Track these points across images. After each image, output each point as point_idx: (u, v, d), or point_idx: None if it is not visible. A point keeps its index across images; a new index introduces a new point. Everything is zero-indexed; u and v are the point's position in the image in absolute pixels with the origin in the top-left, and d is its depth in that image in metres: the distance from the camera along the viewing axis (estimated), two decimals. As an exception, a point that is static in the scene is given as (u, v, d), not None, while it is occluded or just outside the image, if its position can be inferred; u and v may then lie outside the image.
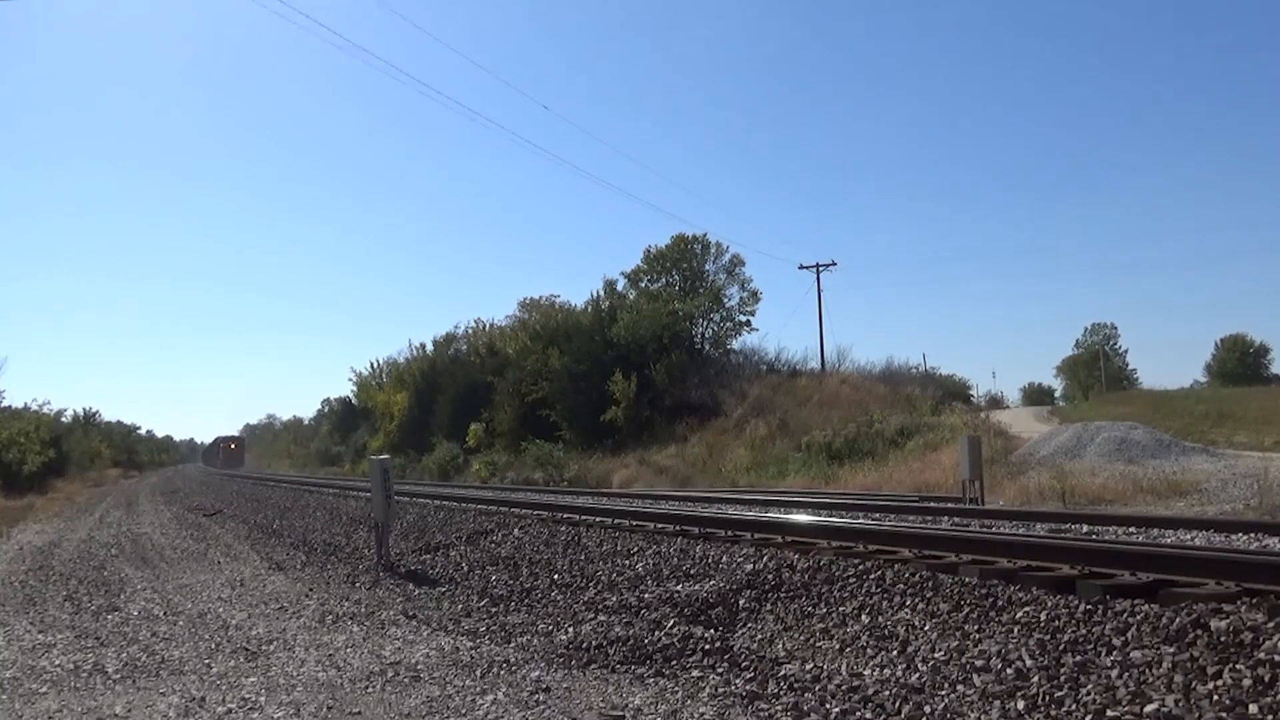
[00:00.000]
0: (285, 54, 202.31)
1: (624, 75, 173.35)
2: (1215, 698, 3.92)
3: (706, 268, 45.15)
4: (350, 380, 75.35)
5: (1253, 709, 3.79)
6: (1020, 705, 4.29)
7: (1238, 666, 4.09)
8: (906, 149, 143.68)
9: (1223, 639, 4.31)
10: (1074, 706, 4.16)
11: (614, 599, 7.76)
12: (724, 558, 8.09)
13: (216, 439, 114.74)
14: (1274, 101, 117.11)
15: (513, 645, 6.76)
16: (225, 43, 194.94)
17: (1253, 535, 8.89)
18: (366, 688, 5.77)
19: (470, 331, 60.35)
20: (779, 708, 4.79)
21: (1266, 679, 3.94)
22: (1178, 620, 4.58)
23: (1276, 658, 4.05)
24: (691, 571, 8.05)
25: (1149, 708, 3.96)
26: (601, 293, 45.39)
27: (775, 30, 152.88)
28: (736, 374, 39.24)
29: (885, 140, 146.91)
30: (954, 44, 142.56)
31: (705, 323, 44.09)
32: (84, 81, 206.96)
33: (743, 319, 44.45)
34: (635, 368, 38.59)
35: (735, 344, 44.12)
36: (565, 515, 12.97)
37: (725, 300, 44.33)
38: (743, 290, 44.55)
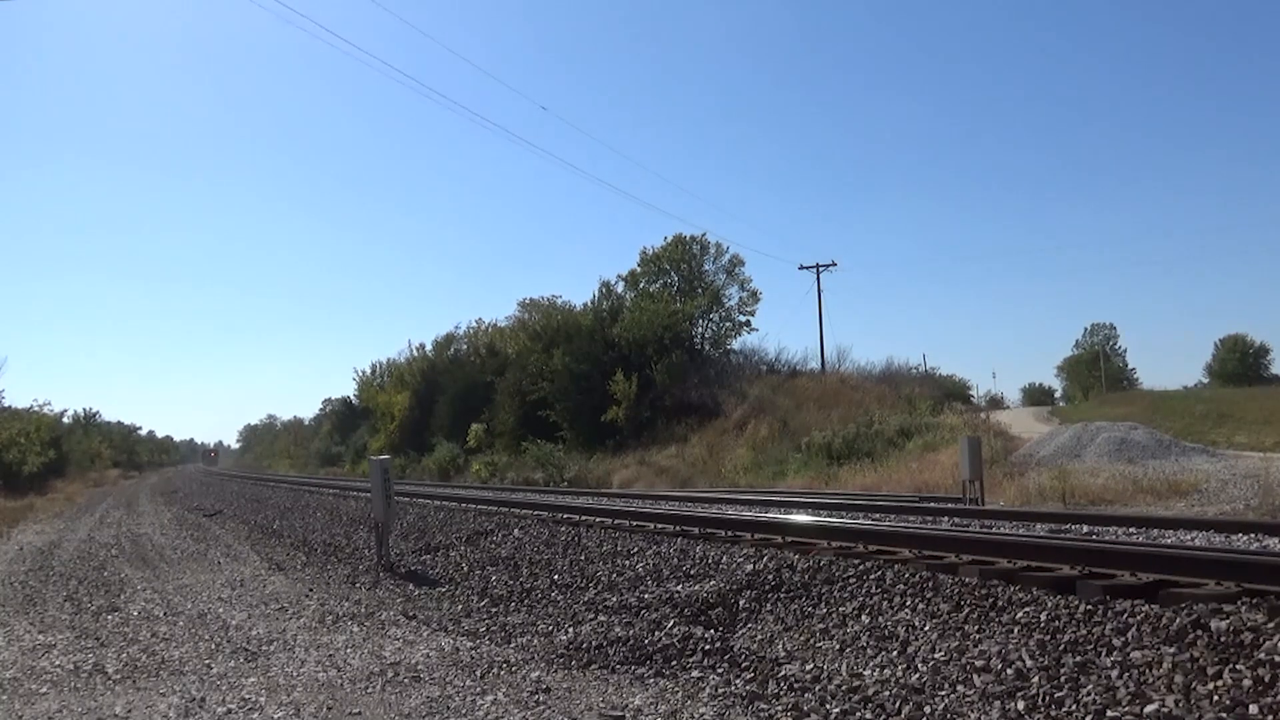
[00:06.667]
0: (283, 55, 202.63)
1: (623, 76, 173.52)
2: (1215, 698, 3.92)
3: (706, 268, 45.05)
4: (353, 379, 75.42)
5: (1253, 709, 3.79)
6: (1020, 705, 4.28)
7: (1238, 667, 4.09)
8: (907, 149, 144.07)
9: (1223, 639, 4.31)
10: (1074, 707, 4.15)
11: (614, 599, 7.74)
12: (724, 558, 8.06)
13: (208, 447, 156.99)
14: (1273, 103, 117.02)
15: (513, 645, 6.75)
16: (222, 44, 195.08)
17: (1253, 536, 8.88)
18: (366, 688, 5.77)
19: (470, 332, 60.28)
20: (779, 708, 4.78)
21: (1267, 679, 3.94)
22: (1178, 621, 4.56)
23: (1276, 658, 4.04)
24: (691, 572, 8.03)
25: (1149, 708, 3.96)
26: (599, 295, 45.24)
27: (775, 30, 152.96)
28: (736, 374, 39.13)
29: (886, 140, 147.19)
30: (955, 45, 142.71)
31: (705, 323, 43.99)
32: (83, 83, 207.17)
33: (742, 319, 44.37)
34: (636, 368, 38.45)
35: (735, 344, 44.11)
36: (565, 515, 12.95)
37: (725, 300, 44.22)
38: (742, 290, 44.48)
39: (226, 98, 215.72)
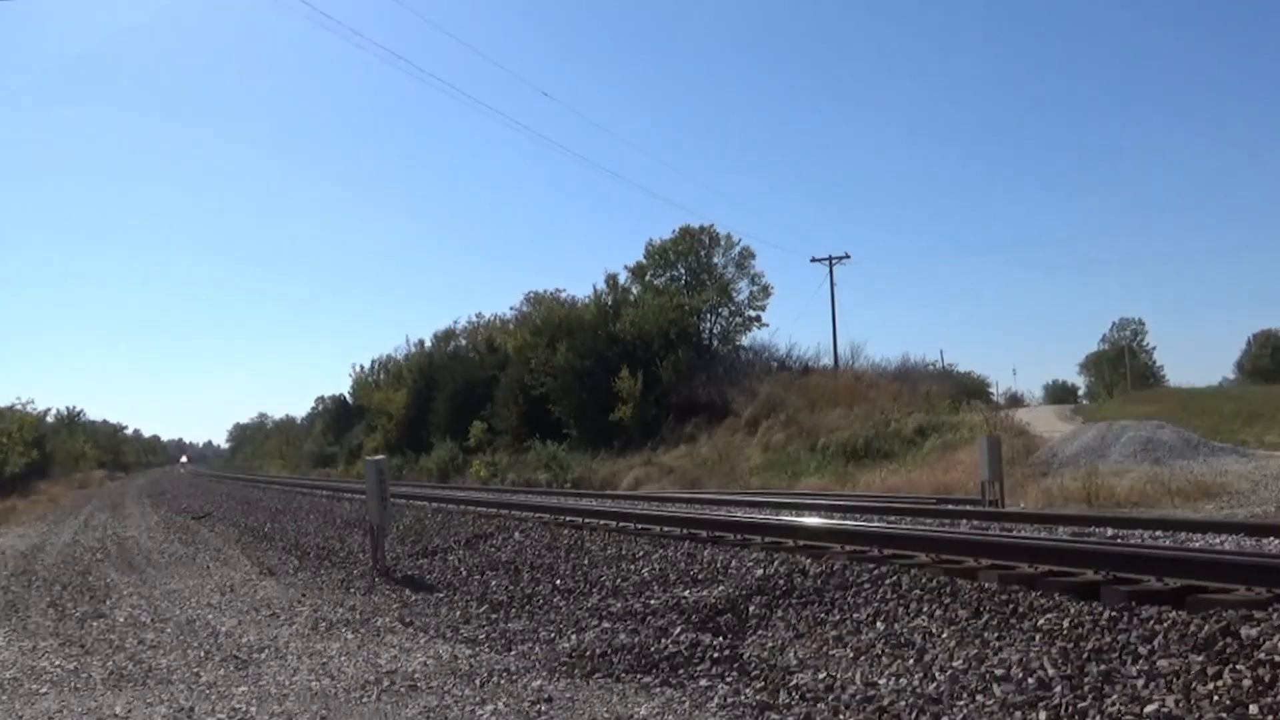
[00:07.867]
0: (281, 47, 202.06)
1: (632, 66, 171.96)
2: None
3: (715, 261, 43.48)
4: (350, 375, 74.78)
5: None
6: (1042, 716, 4.16)
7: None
8: (923, 139, 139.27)
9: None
10: (1098, 717, 4.03)
11: (619, 605, 7.58)
12: (733, 562, 7.94)
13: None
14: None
15: (513, 653, 6.58)
16: (216, 36, 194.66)
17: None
18: (361, 697, 5.62)
19: (470, 327, 59.39)
20: (791, 718, 4.65)
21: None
22: (1207, 628, 4.46)
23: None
24: (700, 576, 7.88)
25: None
26: (604, 287, 43.97)
27: (788, 20, 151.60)
28: (746, 371, 38.17)
29: (901, 130, 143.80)
30: (973, 35, 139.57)
31: (713, 318, 42.76)
32: (75, 82, 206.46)
33: (753, 314, 43.10)
34: (641, 364, 37.69)
35: (745, 340, 42.97)
36: (568, 518, 12.78)
37: (734, 294, 42.90)
38: (753, 284, 43.11)
39: (219, 93, 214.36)
